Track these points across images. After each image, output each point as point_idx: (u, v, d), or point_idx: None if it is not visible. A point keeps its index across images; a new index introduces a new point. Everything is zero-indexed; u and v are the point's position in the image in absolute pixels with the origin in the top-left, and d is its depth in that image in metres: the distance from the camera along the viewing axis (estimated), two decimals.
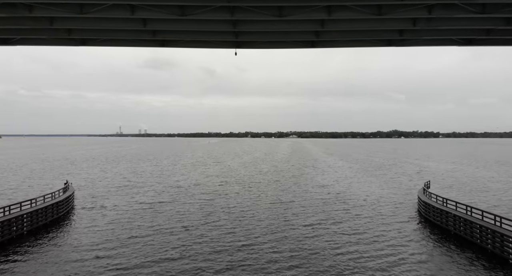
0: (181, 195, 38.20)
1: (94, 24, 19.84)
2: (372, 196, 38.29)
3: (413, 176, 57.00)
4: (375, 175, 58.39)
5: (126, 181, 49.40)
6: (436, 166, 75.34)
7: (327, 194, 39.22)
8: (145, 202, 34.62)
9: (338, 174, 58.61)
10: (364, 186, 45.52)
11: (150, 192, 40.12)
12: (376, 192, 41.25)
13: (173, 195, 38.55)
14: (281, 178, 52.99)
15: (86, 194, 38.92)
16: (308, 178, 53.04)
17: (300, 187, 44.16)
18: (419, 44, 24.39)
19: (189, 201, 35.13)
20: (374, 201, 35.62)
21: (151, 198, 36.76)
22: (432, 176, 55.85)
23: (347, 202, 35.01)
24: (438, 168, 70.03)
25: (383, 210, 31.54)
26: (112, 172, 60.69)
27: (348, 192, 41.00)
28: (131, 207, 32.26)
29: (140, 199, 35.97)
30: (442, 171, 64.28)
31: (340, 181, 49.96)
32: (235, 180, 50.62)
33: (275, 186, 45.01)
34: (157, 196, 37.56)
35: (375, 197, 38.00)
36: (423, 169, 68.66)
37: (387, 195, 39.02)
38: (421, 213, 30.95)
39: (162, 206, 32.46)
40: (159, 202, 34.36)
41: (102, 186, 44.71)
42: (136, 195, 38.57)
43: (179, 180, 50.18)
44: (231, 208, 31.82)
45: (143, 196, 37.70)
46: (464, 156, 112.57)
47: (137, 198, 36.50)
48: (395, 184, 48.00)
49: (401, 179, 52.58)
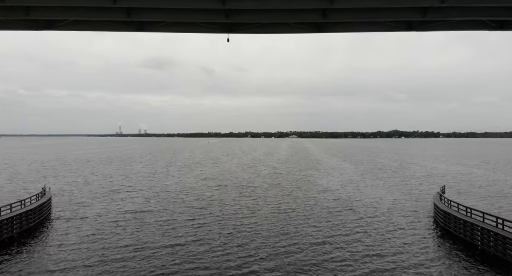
0: (172, 202, 34.58)
1: (56, 0, 16.35)
2: (382, 203, 34.66)
3: (423, 179, 53.35)
4: (382, 178, 54.76)
5: (114, 185, 45.81)
6: (445, 168, 71.68)
7: (333, 201, 35.60)
8: (130, 210, 30.98)
9: (343, 177, 54.98)
10: (372, 191, 41.90)
11: (138, 199, 36.49)
12: (386, 198, 37.63)
13: (163, 202, 34.93)
14: (282, 182, 49.37)
15: (67, 201, 35.32)
16: (311, 182, 49.42)
17: (303, 193, 40.55)
18: (443, 28, 20.74)
19: (179, 209, 31.49)
20: (385, 209, 32.00)
21: (137, 205, 33.14)
22: (443, 179, 52.28)
23: (356, 211, 31.39)
24: (447, 170, 66.39)
25: (397, 220, 27.93)
26: (101, 175, 57.10)
27: (356, 198, 37.38)
28: (113, 217, 28.63)
29: (125, 207, 32.34)
30: (452, 174, 60.64)
31: (346, 185, 46.34)
32: (232, 184, 47.02)
33: (275, 192, 41.39)
34: (144, 204, 33.91)
35: (386, 204, 34.38)
36: (432, 171, 65.03)
37: (398, 202, 35.38)
38: (438, 223, 27.45)
39: (148, 216, 28.81)
40: (145, 211, 30.70)
41: (87, 191, 41.11)
42: (122, 201, 34.96)
43: (172, 184, 46.55)
44: (226, 220, 28.15)
45: (129, 203, 34.08)
46: (471, 157, 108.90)
47: (122, 206, 32.89)
48: (405, 188, 44.37)
49: (411, 183, 48.94)
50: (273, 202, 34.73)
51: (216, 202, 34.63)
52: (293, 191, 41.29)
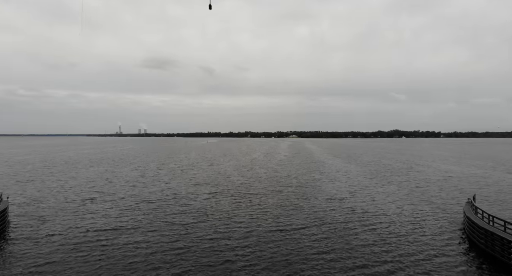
0: (152, 216, 28.80)
1: None
2: (403, 216, 28.95)
3: (440, 184, 47.61)
4: (395, 182, 49.03)
5: (92, 192, 40.08)
6: (460, 170, 65.96)
7: (345, 214, 29.85)
8: (98, 228, 25.22)
9: (351, 182, 49.23)
10: (388, 200, 36.16)
11: (113, 211, 30.71)
12: (406, 209, 31.90)
13: (142, 215, 29.17)
14: (283, 188, 43.61)
15: (28, 212, 29.60)
16: (316, 188, 43.67)
17: (309, 202, 34.79)
18: None
19: (158, 227, 25.74)
20: (408, 224, 26.36)
21: (109, 220, 27.39)
22: (464, 184, 46.59)
23: (375, 226, 25.76)
24: (463, 173, 60.68)
25: (425, 240, 22.39)
26: (83, 179, 51.36)
27: (371, 209, 31.64)
28: (74, 237, 22.90)
29: (94, 223, 26.59)
30: (471, 177, 54.91)
31: (356, 192, 40.61)
32: (227, 192, 41.28)
33: (277, 201, 35.64)
34: (117, 218, 28.10)
35: (407, 217, 28.68)
36: (447, 174, 59.29)
37: (422, 214, 29.67)
38: (472, 241, 22.14)
39: (117, 238, 23.01)
40: (116, 229, 24.95)
41: (58, 200, 35.36)
42: (93, 215, 29.21)
43: (157, 192, 40.75)
44: (216, 241, 22.44)
45: (100, 218, 28.32)
46: (481, 157, 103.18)
47: (91, 221, 27.13)
48: (424, 195, 38.65)
49: (429, 189, 43.21)
50: (274, 216, 28.98)
51: (205, 217, 28.83)
52: (297, 201, 35.57)
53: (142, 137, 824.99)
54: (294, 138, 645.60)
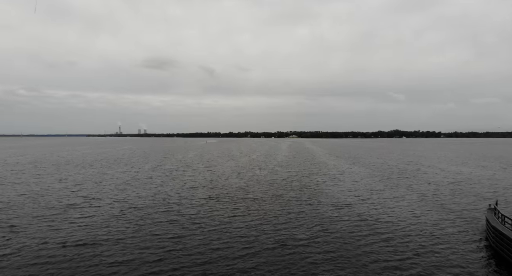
0: (138, 227, 25.55)
1: None
2: (419, 224, 25.72)
3: (453, 187, 44.35)
4: (404, 185, 45.79)
5: (77, 197, 36.83)
6: (470, 171, 62.73)
7: (354, 222, 26.62)
8: (72, 242, 21.95)
9: (357, 185, 45.99)
10: (399, 205, 32.92)
11: (93, 220, 27.45)
12: (421, 215, 28.65)
13: (126, 225, 25.92)
14: (284, 192, 40.38)
15: None
16: (320, 192, 40.45)
17: (314, 209, 31.54)
18: None
19: (146, 239, 22.55)
20: (426, 235, 23.13)
21: (89, 232, 24.14)
22: (476, 186, 43.38)
23: (389, 237, 22.55)
24: (474, 175, 57.45)
25: (447, 254, 19.11)
26: (71, 182, 48.11)
27: (382, 216, 28.42)
28: (47, 253, 19.72)
29: (71, 235, 23.36)
30: (483, 179, 51.68)
31: (364, 197, 37.37)
32: (224, 196, 38.04)
33: (277, 207, 32.39)
34: (99, 229, 24.83)
35: (423, 225, 25.46)
36: (458, 176, 56.06)
37: (438, 221, 26.45)
38: (500, 254, 19.13)
39: (96, 255, 19.77)
40: (95, 244, 21.74)
41: (36, 206, 32.11)
42: (73, 224, 25.97)
43: (147, 196, 37.49)
44: (208, 256, 19.23)
45: (77, 228, 25.02)
46: (489, 158, 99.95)
47: (66, 233, 23.87)
48: (437, 200, 35.41)
49: (442, 193, 39.94)
50: (274, 227, 25.72)
51: (196, 227, 25.56)
52: (299, 207, 32.33)
53: (142, 137, 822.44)
54: (294, 138, 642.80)
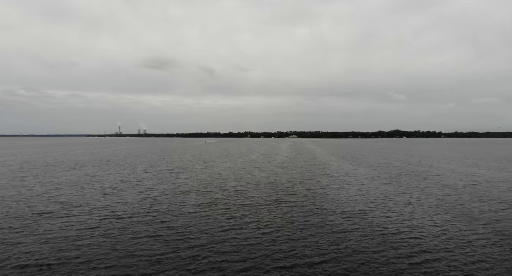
0: (115, 242, 21.64)
1: None
2: (448, 238, 21.77)
3: (471, 191, 40.41)
4: (417, 189, 41.85)
5: (54, 203, 32.85)
6: (484, 173, 58.81)
7: (371, 236, 22.64)
8: (36, 262, 18.15)
9: (366, 188, 42.07)
10: (417, 214, 28.99)
11: (67, 232, 23.45)
12: (447, 227, 24.68)
13: (102, 240, 21.99)
14: (287, 197, 36.43)
15: None
16: (326, 197, 36.50)
17: (320, 217, 27.60)
18: None
19: (117, 260, 18.62)
20: (461, 254, 19.21)
21: (57, 249, 20.24)
22: (496, 191, 39.45)
23: (416, 257, 18.61)
24: (489, 177, 53.54)
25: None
26: (53, 185, 44.16)
27: (402, 228, 24.47)
28: None
29: (35, 252, 19.50)
30: (502, 182, 47.68)
31: (376, 202, 33.43)
32: (219, 202, 34.11)
33: (280, 216, 28.43)
34: (70, 245, 20.81)
35: (453, 239, 21.52)
36: (473, 178, 52.14)
37: (466, 235, 22.49)
38: None
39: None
40: (61, 264, 17.88)
41: (5, 215, 28.12)
42: (40, 237, 22.02)
43: (134, 202, 33.52)
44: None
45: (47, 244, 21.16)
46: (498, 158, 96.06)
47: (33, 249, 20.01)
48: (458, 207, 31.44)
49: (460, 197, 35.99)
50: (275, 242, 21.83)
51: (183, 244, 21.55)
52: (304, 216, 28.40)
53: (141, 137, 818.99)
54: (294, 138, 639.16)
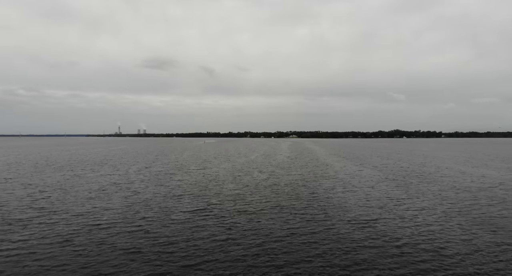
0: (93, 256, 18.45)
1: None
2: (473, 256, 18.61)
3: (491, 195, 37.17)
4: (430, 193, 38.65)
5: (32, 209, 29.60)
6: (498, 175, 55.63)
7: (384, 247, 19.44)
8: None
9: (374, 193, 38.84)
10: (435, 223, 25.77)
11: (35, 245, 20.22)
12: (475, 241, 21.55)
13: (72, 256, 18.77)
14: (289, 202, 33.21)
15: None
16: (332, 202, 33.28)
17: (327, 226, 24.38)
18: None
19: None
20: (488, 270, 16.06)
21: (23, 266, 17.12)
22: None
23: (436, 272, 15.46)
24: (505, 179, 50.35)
25: None
26: (36, 188, 40.92)
27: (419, 239, 21.24)
28: None
29: None
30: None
31: (388, 208, 30.16)
32: (216, 207, 30.88)
33: (280, 224, 25.23)
34: (31, 263, 17.75)
35: (475, 253, 18.35)
36: (486, 181, 48.97)
37: (496, 249, 19.33)
38: None
39: None
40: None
41: None
42: (5, 253, 18.94)
43: (121, 207, 30.22)
44: None
45: (11, 262, 18.03)
46: (506, 159, 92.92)
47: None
48: (480, 214, 28.28)
49: (479, 203, 32.83)
50: (278, 257, 18.64)
51: (167, 260, 18.42)
52: (310, 226, 25.17)
53: (141, 137, 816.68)
54: (294, 138, 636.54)
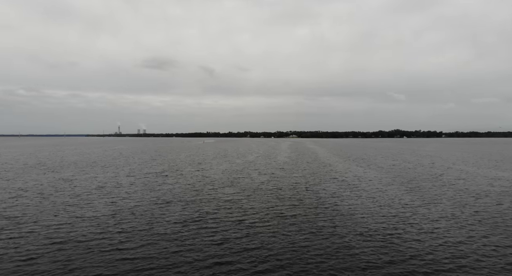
0: None
1: None
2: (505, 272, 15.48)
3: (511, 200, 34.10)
4: (444, 198, 35.43)
5: (4, 218, 26.57)
6: (510, 176, 52.53)
7: (403, 266, 16.22)
8: None
9: (384, 198, 35.59)
10: (456, 233, 22.58)
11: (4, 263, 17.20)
12: (491, 247, 18.43)
13: (51, 272, 15.65)
14: (291, 208, 29.97)
15: None
16: (339, 209, 30.04)
17: (336, 238, 21.13)
18: None
19: None
20: None
21: None
22: None
23: None
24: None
25: None
26: (16, 192, 37.69)
27: (442, 254, 18.00)
28: None
29: None
30: None
31: (401, 216, 26.94)
32: (211, 213, 27.67)
33: (282, 237, 22.04)
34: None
35: (507, 270, 15.23)
36: (502, 183, 45.79)
37: None
38: None
39: None
40: None
41: None
42: None
43: (105, 215, 27.03)
44: None
45: None
46: (510, 159, 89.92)
47: None
48: (505, 223, 25.16)
49: (499, 209, 29.65)
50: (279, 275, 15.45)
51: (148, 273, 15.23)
52: (315, 237, 21.94)
53: (141, 137, 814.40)
54: (294, 138, 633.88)
